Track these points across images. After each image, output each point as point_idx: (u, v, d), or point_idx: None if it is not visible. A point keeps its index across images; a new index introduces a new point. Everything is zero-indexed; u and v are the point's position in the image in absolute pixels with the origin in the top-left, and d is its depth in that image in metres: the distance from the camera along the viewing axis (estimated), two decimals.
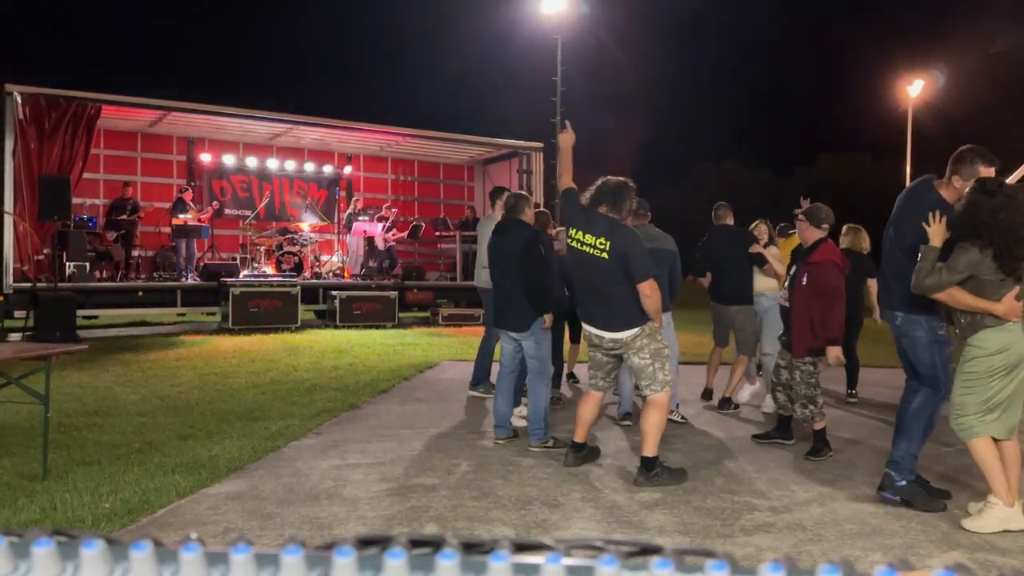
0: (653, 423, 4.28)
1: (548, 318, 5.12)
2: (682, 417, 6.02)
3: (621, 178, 4.43)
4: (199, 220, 13.64)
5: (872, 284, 6.59)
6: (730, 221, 6.76)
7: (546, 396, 5.22)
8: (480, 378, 6.92)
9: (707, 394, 7.07)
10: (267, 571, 0.49)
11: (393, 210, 15.84)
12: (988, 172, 3.78)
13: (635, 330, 4.29)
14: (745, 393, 6.88)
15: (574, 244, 4.36)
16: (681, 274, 6.25)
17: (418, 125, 15.82)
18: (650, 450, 4.23)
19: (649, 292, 4.20)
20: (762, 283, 6.53)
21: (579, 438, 4.63)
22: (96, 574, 0.49)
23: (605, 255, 4.20)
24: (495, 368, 5.97)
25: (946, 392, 3.89)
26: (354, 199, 15.87)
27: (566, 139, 4.78)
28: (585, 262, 4.32)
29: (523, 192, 5.54)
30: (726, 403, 6.60)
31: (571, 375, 7.90)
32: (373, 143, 16.48)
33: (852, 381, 7.17)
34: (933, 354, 3.95)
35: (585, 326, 4.54)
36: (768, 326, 6.37)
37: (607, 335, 4.38)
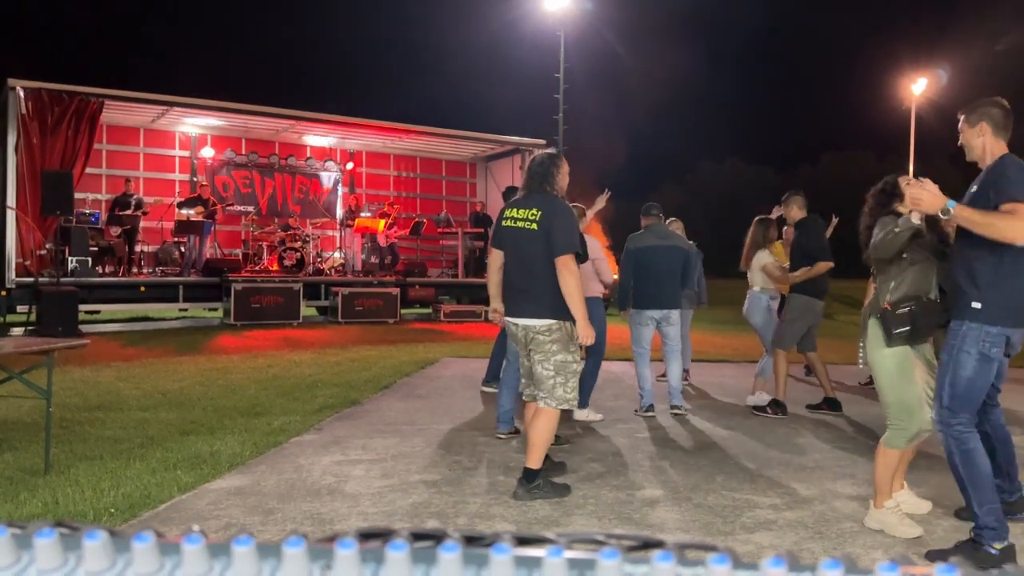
0: (541, 435, 3.95)
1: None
2: (685, 408, 6.11)
3: (548, 151, 4.32)
4: (209, 216, 13.60)
5: None
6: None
7: None
8: (494, 375, 6.87)
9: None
10: (269, 563, 0.49)
11: (395, 206, 15.85)
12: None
13: (549, 321, 3.90)
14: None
15: (508, 223, 4.10)
16: (703, 275, 6.25)
17: (421, 122, 15.84)
18: (534, 462, 3.94)
19: (563, 267, 3.85)
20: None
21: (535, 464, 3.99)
22: (98, 566, 0.49)
23: (534, 226, 3.98)
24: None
25: None
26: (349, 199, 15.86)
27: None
28: (515, 237, 4.05)
29: None
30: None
31: None
32: (376, 139, 16.47)
33: None
34: None
35: (506, 320, 4.14)
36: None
37: (520, 322, 3.99)
